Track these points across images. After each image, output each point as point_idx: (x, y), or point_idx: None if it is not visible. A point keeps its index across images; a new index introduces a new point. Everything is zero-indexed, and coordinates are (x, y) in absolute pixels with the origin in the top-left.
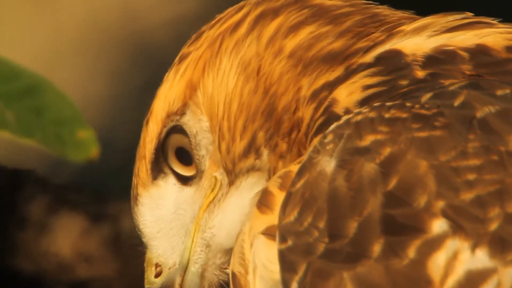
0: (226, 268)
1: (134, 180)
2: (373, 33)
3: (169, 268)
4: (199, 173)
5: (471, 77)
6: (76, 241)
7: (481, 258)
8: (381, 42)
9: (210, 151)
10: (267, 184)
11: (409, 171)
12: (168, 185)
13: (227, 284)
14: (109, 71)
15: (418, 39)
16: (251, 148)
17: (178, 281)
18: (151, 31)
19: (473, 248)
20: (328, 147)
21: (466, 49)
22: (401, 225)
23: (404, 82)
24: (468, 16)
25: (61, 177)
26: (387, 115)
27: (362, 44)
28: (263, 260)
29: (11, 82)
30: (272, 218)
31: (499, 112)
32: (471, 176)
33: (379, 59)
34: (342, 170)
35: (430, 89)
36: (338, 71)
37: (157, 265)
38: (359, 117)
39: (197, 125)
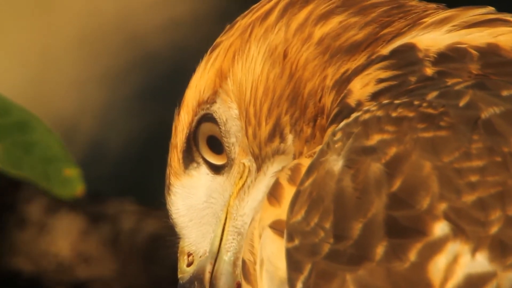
0: None
1: (167, 169)
2: (397, 21)
3: (200, 257)
4: (229, 161)
5: (477, 76)
6: (76, 241)
7: (480, 262)
8: (402, 34)
9: (239, 138)
10: (278, 175)
11: (413, 172)
12: (201, 174)
13: None
14: (104, 76)
15: (435, 34)
16: (276, 132)
17: (208, 268)
18: (145, 36)
19: (473, 251)
20: (336, 145)
21: (477, 48)
22: (403, 227)
23: (413, 78)
24: (489, 12)
25: None
26: (394, 114)
27: (384, 33)
28: (269, 254)
29: (1, 117)
30: (279, 212)
31: (503, 113)
32: (473, 178)
33: (394, 52)
34: (349, 169)
35: (436, 88)
36: (360, 60)
37: (189, 254)
38: (367, 116)
39: (227, 112)
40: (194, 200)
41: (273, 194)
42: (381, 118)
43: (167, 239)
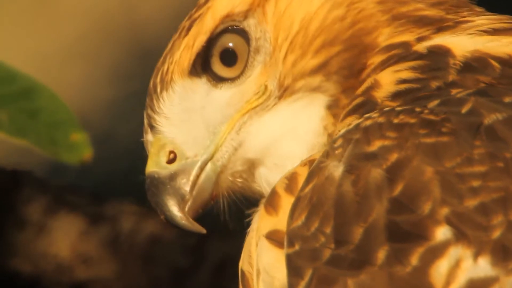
0: (239, 178)
1: (170, 67)
2: (460, 12)
3: (187, 158)
4: (242, 77)
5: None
6: (75, 242)
7: (483, 267)
8: (449, 28)
9: (265, 59)
10: (275, 184)
11: (414, 177)
12: (201, 81)
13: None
14: (108, 73)
15: (461, 38)
16: (321, 70)
17: (196, 172)
18: (152, 31)
19: (476, 256)
20: (337, 151)
21: (497, 59)
22: (405, 232)
23: (436, 84)
24: None
25: (60, 178)
26: (395, 121)
27: (449, 17)
28: (265, 264)
29: (6, 84)
30: (275, 221)
31: (506, 119)
32: (475, 183)
33: (429, 53)
34: (349, 175)
35: (439, 97)
36: (428, 32)
37: (171, 152)
38: (368, 122)
39: (260, 33)
40: (191, 103)
41: (270, 203)
42: (382, 124)
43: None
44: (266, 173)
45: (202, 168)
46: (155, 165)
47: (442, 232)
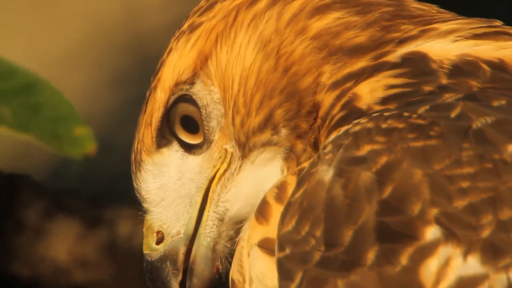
0: (235, 238)
1: (138, 146)
2: (403, 25)
3: (172, 237)
4: (206, 143)
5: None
6: (73, 246)
7: (472, 265)
8: (414, 37)
9: (221, 123)
10: (265, 194)
11: (404, 179)
12: (172, 152)
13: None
14: (109, 79)
15: (443, 43)
16: (268, 124)
17: (182, 250)
18: (153, 37)
19: (465, 254)
20: (327, 157)
21: (488, 63)
22: (395, 232)
23: (428, 88)
24: (494, 25)
25: (58, 182)
26: (384, 126)
27: (392, 35)
28: (257, 273)
29: (7, 80)
30: (266, 230)
31: (494, 122)
32: (464, 184)
33: (405, 60)
34: (339, 178)
35: (430, 102)
36: (363, 62)
37: (158, 232)
38: (357, 128)
39: (208, 96)
40: (166, 178)
41: (261, 212)
42: (371, 129)
43: None
44: None
45: (187, 245)
46: (147, 247)
47: (431, 232)
